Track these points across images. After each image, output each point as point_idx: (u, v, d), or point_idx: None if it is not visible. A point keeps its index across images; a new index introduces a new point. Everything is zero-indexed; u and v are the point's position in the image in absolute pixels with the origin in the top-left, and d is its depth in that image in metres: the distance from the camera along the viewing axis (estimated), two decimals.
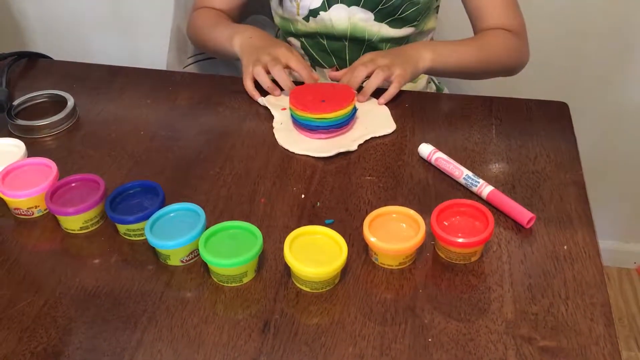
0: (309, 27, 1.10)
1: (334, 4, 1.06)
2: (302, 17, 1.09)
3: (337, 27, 1.08)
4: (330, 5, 1.06)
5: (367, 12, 1.06)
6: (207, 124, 0.98)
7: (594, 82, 1.56)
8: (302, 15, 1.09)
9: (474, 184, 0.81)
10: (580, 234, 0.76)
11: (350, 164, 0.88)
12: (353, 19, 1.07)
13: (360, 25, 1.08)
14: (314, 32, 1.11)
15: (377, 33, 1.08)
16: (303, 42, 1.13)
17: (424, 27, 1.12)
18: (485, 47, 1.05)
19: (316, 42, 1.13)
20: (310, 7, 1.07)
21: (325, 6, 1.07)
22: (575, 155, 0.88)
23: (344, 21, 1.07)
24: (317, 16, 1.08)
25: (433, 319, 0.67)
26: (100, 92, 1.05)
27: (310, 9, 1.07)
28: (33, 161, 0.85)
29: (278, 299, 0.70)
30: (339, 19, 1.07)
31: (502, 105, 0.98)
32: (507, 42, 1.06)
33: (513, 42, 1.07)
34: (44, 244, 0.79)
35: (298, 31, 1.12)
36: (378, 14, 1.07)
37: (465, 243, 0.71)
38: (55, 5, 1.68)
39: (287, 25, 1.13)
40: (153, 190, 0.80)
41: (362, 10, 1.06)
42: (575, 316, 0.67)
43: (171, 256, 0.73)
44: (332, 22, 1.08)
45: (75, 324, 0.68)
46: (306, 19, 1.09)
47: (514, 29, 1.07)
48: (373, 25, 1.08)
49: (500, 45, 1.06)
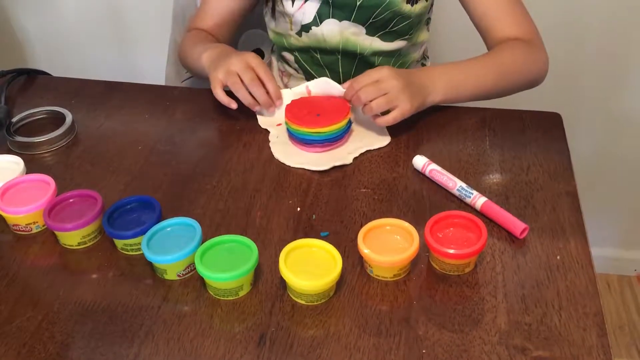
0: (302, 41, 1.11)
1: (325, 18, 1.07)
2: (295, 32, 1.10)
3: (330, 41, 1.09)
4: (322, 20, 1.08)
5: (359, 26, 1.07)
6: (204, 138, 0.99)
7: (592, 89, 1.57)
8: (295, 30, 1.10)
9: (467, 195, 0.82)
10: (573, 244, 0.77)
11: (345, 176, 0.89)
12: (345, 33, 1.08)
13: (352, 39, 1.09)
14: (307, 46, 1.12)
15: (369, 47, 1.09)
16: (297, 57, 1.15)
17: (416, 39, 1.13)
18: (503, 64, 1.00)
19: (310, 57, 1.14)
20: (302, 22, 1.08)
21: (317, 21, 1.08)
22: (568, 166, 0.88)
23: (336, 35, 1.08)
24: (310, 31, 1.09)
25: (427, 330, 0.68)
26: (99, 107, 1.06)
27: (302, 24, 1.09)
28: (31, 177, 0.86)
29: (274, 311, 0.71)
30: (331, 33, 1.08)
31: (496, 116, 0.99)
32: (525, 54, 1.01)
33: (531, 52, 1.01)
34: (42, 259, 0.80)
35: (291, 45, 1.13)
36: (369, 27, 1.08)
37: (459, 254, 0.72)
38: (55, 21, 1.69)
39: (280, 40, 1.14)
40: (150, 205, 0.81)
41: (354, 25, 1.07)
42: (569, 326, 0.67)
43: (168, 270, 0.74)
44: (324, 37, 1.09)
45: (73, 339, 0.69)
46: (299, 33, 1.10)
47: (528, 37, 1.02)
48: (365, 39, 1.09)
49: (519, 58, 1.00)
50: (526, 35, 1.02)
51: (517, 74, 1.01)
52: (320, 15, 1.07)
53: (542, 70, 1.03)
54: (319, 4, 1.06)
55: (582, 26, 1.49)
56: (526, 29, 1.03)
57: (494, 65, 1.00)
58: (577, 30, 1.49)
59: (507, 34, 1.02)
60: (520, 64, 1.01)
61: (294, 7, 1.07)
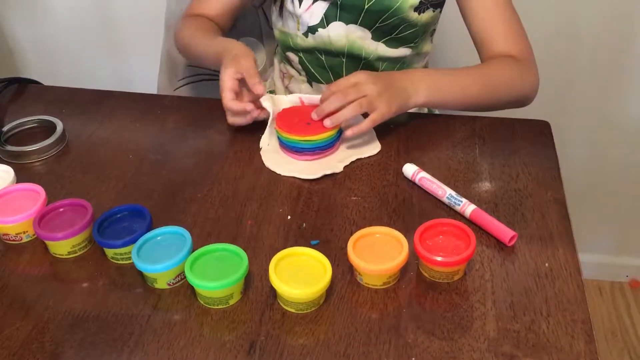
0: (308, 42, 1.12)
1: (332, 21, 1.08)
2: (302, 32, 1.11)
3: (335, 44, 1.10)
4: (328, 23, 1.08)
5: (365, 30, 1.08)
6: (196, 146, 0.99)
7: (584, 97, 1.58)
8: (302, 31, 1.11)
9: (457, 203, 0.83)
10: (562, 251, 0.77)
11: (335, 184, 0.89)
12: (351, 36, 1.09)
13: (357, 43, 1.09)
14: (313, 47, 1.12)
15: (374, 51, 1.10)
16: (301, 57, 1.15)
17: (420, 49, 1.13)
18: (491, 77, 1.00)
19: (314, 58, 1.15)
20: (309, 23, 1.09)
21: (324, 23, 1.09)
22: (556, 173, 0.89)
23: (342, 38, 1.09)
24: (316, 32, 1.10)
25: (417, 337, 0.68)
26: (90, 116, 1.06)
27: (309, 25, 1.09)
28: (22, 187, 0.86)
29: (264, 320, 0.71)
30: (337, 36, 1.09)
31: (485, 124, 1.00)
32: (514, 71, 1.01)
33: (520, 70, 1.02)
34: (32, 268, 0.79)
35: (297, 46, 1.13)
36: (375, 32, 1.08)
37: (448, 262, 0.72)
38: (47, 30, 1.69)
39: (286, 40, 1.15)
40: (140, 213, 0.81)
41: (360, 29, 1.08)
42: (557, 333, 0.68)
43: (158, 279, 0.74)
44: (330, 39, 1.10)
45: (62, 349, 0.69)
46: (305, 34, 1.11)
47: (521, 56, 1.02)
48: (370, 43, 1.09)
49: (507, 74, 1.01)
50: (519, 53, 1.03)
51: (503, 89, 1.01)
52: (327, 17, 1.08)
53: (530, 89, 1.03)
54: (327, 5, 1.07)
55: (573, 34, 1.50)
56: (521, 48, 1.03)
57: (481, 76, 1.01)
58: (568, 38, 1.51)
59: (502, 50, 1.03)
60: (508, 80, 1.01)
61: (302, 8, 1.08)
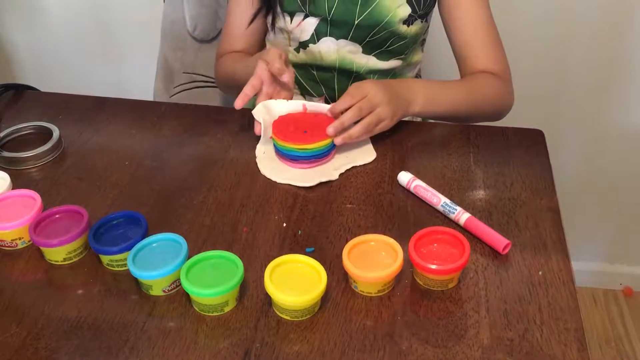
0: (299, 57, 1.13)
1: (323, 37, 1.09)
2: (293, 48, 1.12)
3: (326, 58, 1.11)
4: (319, 38, 1.09)
5: (356, 44, 1.09)
6: (192, 153, 0.99)
7: (577, 105, 1.59)
8: (293, 46, 1.12)
9: (451, 211, 0.83)
10: (555, 260, 0.78)
11: (331, 192, 0.90)
12: (341, 51, 1.10)
13: (348, 57, 1.10)
14: (304, 62, 1.13)
15: (365, 65, 1.11)
16: None
17: (411, 59, 1.15)
18: (475, 92, 1.05)
19: (306, 72, 1.15)
20: (300, 39, 1.10)
21: (315, 39, 1.10)
22: (550, 182, 0.90)
23: (332, 53, 1.10)
24: (307, 48, 1.11)
25: (411, 345, 0.68)
26: (86, 123, 1.06)
27: (300, 41, 1.10)
28: (17, 193, 0.87)
29: (259, 327, 0.71)
30: (327, 51, 1.10)
31: (480, 133, 1.00)
32: (495, 87, 1.06)
33: (500, 87, 1.07)
34: (27, 275, 0.80)
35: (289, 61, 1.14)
36: (366, 46, 1.09)
37: (442, 270, 0.72)
38: (43, 36, 1.70)
39: None
40: (136, 220, 0.81)
41: (351, 43, 1.09)
42: (550, 341, 0.68)
43: (153, 286, 0.74)
44: (321, 54, 1.11)
45: (57, 355, 0.69)
46: (297, 50, 1.12)
47: (500, 73, 1.07)
48: (361, 57, 1.10)
49: (490, 90, 1.05)
50: (499, 71, 1.07)
51: (485, 103, 1.05)
52: (318, 33, 1.09)
53: (508, 106, 1.09)
54: (318, 21, 1.08)
55: (566, 43, 1.51)
56: (500, 66, 1.07)
57: (467, 90, 1.05)
58: (561, 47, 1.52)
59: (483, 66, 1.07)
60: (490, 95, 1.06)
61: (293, 24, 1.09)
